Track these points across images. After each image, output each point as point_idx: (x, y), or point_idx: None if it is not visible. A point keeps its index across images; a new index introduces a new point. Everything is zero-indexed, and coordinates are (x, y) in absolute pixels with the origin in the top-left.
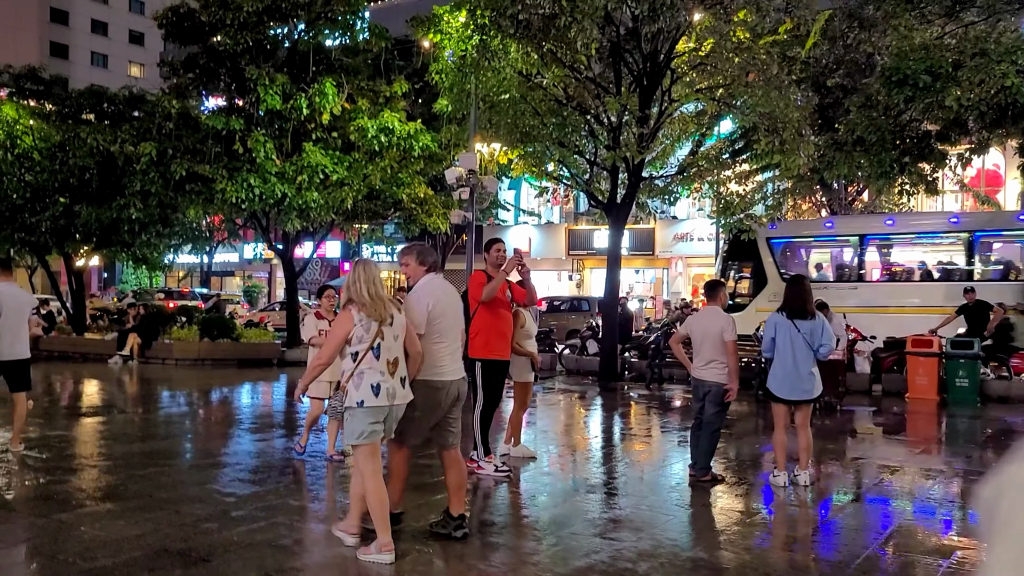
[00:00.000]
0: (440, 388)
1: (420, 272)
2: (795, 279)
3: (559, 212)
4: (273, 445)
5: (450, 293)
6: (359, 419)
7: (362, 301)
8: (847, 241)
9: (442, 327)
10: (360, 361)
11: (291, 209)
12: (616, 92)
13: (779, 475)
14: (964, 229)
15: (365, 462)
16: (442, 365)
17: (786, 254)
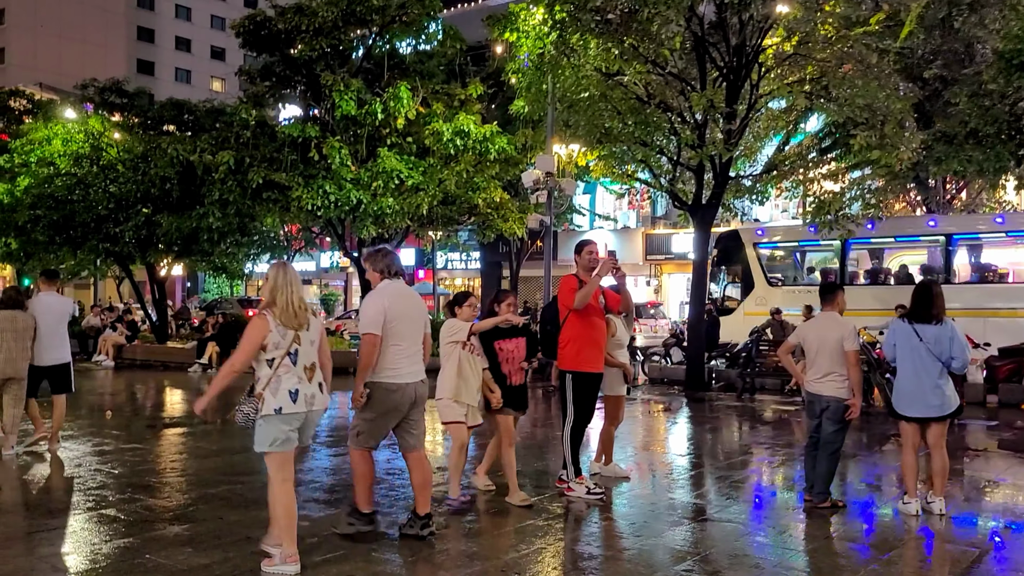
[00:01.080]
0: (396, 390)
1: (376, 278)
2: (923, 284)
3: (635, 216)
4: (348, 461)
5: (409, 297)
6: (274, 426)
7: (280, 306)
8: (831, 246)
9: (399, 330)
10: (277, 367)
11: (366, 216)
12: (701, 87)
13: (910, 502)
14: (941, 232)
15: (276, 471)
16: (398, 367)
17: (773, 259)
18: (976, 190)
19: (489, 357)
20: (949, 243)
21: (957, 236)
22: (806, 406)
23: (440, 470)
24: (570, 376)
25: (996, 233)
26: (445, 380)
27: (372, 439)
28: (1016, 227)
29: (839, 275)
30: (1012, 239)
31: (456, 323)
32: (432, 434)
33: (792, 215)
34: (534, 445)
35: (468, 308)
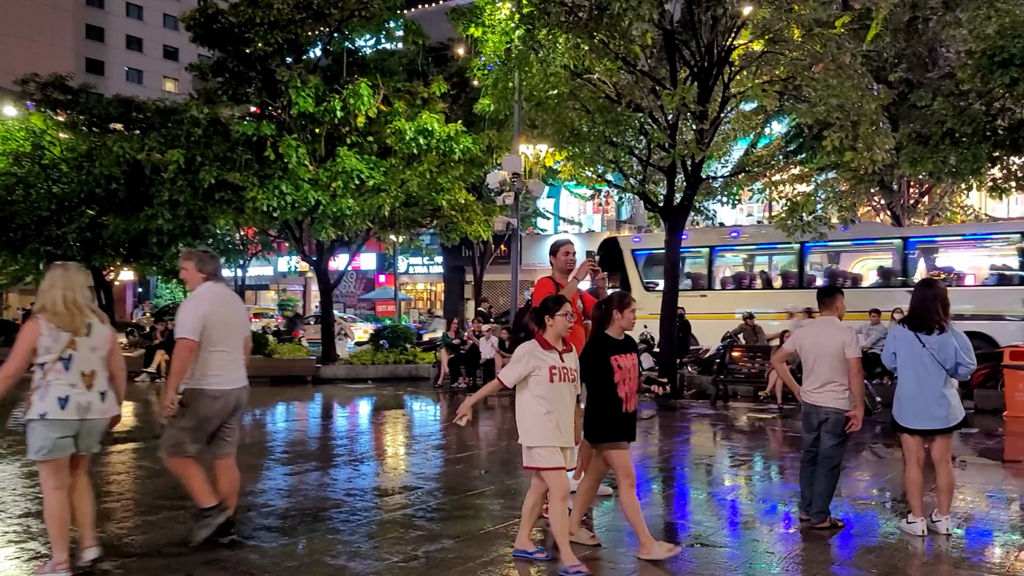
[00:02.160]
0: (219, 397)
1: (199, 279)
2: (923, 283)
3: (600, 220)
4: (306, 481)
5: (230, 301)
6: (40, 432)
7: (54, 310)
8: (699, 252)
9: (219, 335)
10: (47, 372)
11: (325, 217)
12: (672, 87)
13: (915, 521)
14: (795, 241)
15: (47, 478)
16: (219, 374)
17: (649, 265)
18: (939, 195)
19: (603, 376)
20: (801, 248)
21: (808, 245)
22: (802, 418)
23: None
24: None
25: (844, 241)
26: (531, 422)
27: (193, 447)
28: (861, 235)
29: (708, 280)
30: (858, 246)
31: (528, 348)
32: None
33: (758, 219)
34: (504, 460)
35: (563, 318)
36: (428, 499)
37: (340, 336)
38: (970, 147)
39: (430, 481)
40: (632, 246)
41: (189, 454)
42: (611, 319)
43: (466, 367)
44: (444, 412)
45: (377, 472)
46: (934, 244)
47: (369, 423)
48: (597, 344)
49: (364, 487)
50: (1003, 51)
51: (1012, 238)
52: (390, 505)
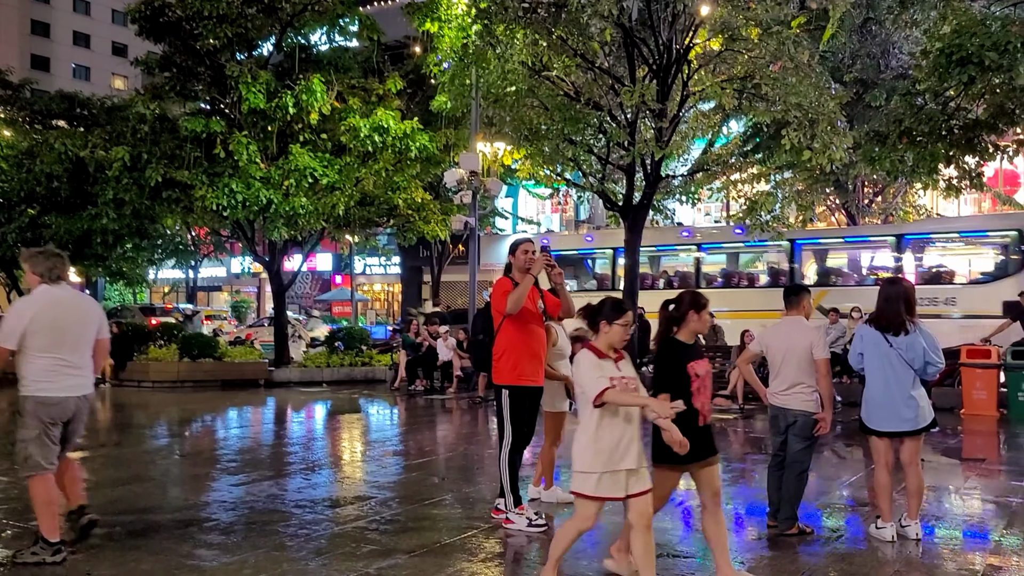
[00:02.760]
0: (55, 404)
1: (35, 281)
2: (889, 281)
3: (559, 220)
4: (253, 492)
5: (69, 304)
6: None
7: None
8: (605, 254)
9: (49, 341)
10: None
11: (277, 216)
12: (631, 83)
13: (884, 527)
14: (693, 243)
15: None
16: (50, 381)
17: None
18: (892, 195)
19: (679, 386)
20: (699, 250)
21: (705, 246)
22: (769, 421)
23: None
24: (506, 391)
25: (738, 243)
26: (585, 447)
27: (44, 459)
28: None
29: (612, 280)
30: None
31: (589, 358)
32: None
33: (716, 219)
34: (463, 466)
35: (621, 329)
36: (382, 509)
37: (294, 338)
38: (926, 146)
39: (384, 490)
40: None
41: (46, 468)
42: (685, 320)
43: (424, 369)
44: (401, 415)
45: (329, 481)
46: (819, 246)
47: (322, 428)
48: (671, 350)
49: (315, 498)
50: (960, 49)
51: (889, 240)
52: (342, 517)
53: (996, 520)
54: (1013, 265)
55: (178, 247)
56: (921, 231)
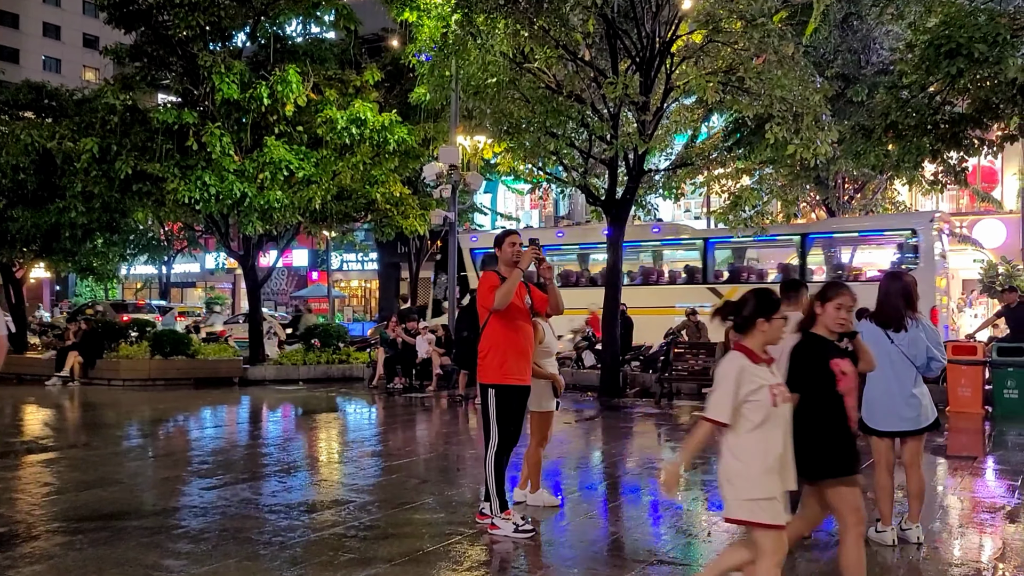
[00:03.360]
0: None
1: None
2: (890, 276)
3: (538, 215)
4: (225, 496)
5: None
6: None
7: None
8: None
9: None
10: None
11: (252, 210)
12: (613, 73)
13: (884, 530)
14: (657, 238)
15: None
16: None
17: (487, 262)
18: (871, 191)
19: (825, 386)
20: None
21: (627, 243)
22: None
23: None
24: (493, 391)
25: (655, 241)
26: (757, 466)
27: None
28: (669, 236)
29: (536, 276)
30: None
31: (742, 363)
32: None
33: (695, 215)
34: (445, 468)
35: (780, 323)
36: (361, 515)
37: (269, 335)
38: (912, 140)
39: (363, 493)
40: (470, 244)
41: None
42: (817, 315)
43: (402, 367)
44: (380, 414)
45: (305, 484)
46: (731, 244)
47: (298, 428)
48: (812, 346)
49: (291, 502)
50: (950, 40)
51: (795, 240)
52: (319, 523)
53: (996, 522)
54: (909, 263)
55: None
56: (825, 231)
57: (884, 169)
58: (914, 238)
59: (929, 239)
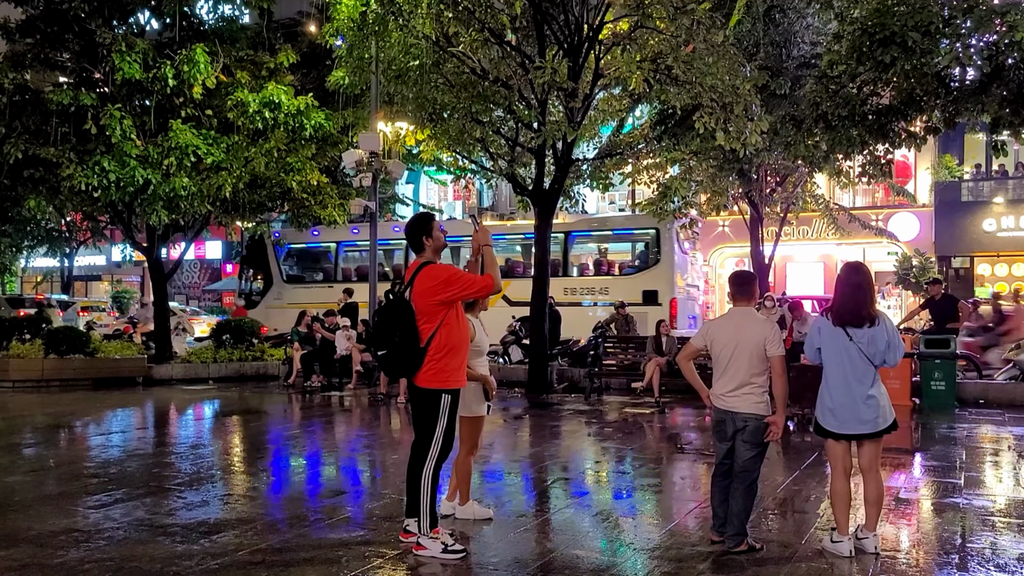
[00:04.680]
0: None
1: None
2: (851, 269)
3: (461, 207)
4: (113, 516)
5: None
6: None
7: None
8: (329, 248)
9: None
10: None
11: (156, 199)
12: (540, 57)
13: (840, 540)
14: (401, 237)
15: None
16: None
17: (288, 259)
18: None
19: None
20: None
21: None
22: (714, 426)
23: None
24: (448, 397)
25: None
26: None
27: None
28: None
29: (334, 272)
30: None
31: None
32: None
33: (620, 207)
34: (366, 476)
35: None
36: (270, 535)
37: (178, 331)
38: (842, 131)
39: (273, 509)
40: (273, 240)
41: None
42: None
43: (320, 364)
44: (295, 416)
45: (208, 499)
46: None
47: (204, 433)
48: None
49: (189, 521)
50: (884, 28)
51: (559, 236)
52: (220, 546)
53: (950, 525)
54: (653, 258)
55: (50, 233)
56: (583, 228)
57: (814, 160)
58: (657, 236)
59: (670, 238)
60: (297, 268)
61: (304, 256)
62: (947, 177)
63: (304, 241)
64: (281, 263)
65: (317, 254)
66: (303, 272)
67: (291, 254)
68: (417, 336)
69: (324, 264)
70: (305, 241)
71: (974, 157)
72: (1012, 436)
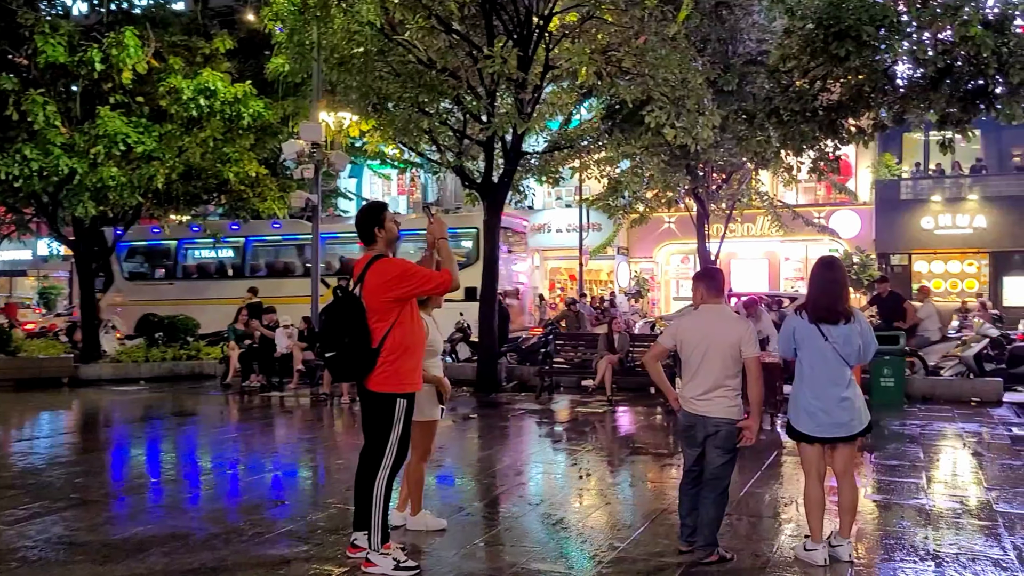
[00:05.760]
0: None
1: None
2: (825, 264)
3: (406, 201)
4: (29, 532)
5: None
6: None
7: None
8: (169, 246)
9: None
10: None
11: (82, 190)
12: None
13: (814, 548)
14: (240, 235)
15: None
16: None
17: (130, 256)
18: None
19: None
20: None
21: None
22: (682, 431)
23: None
24: (404, 401)
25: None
26: None
27: None
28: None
29: (174, 270)
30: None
31: None
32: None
33: (567, 202)
34: (308, 484)
35: None
36: (202, 552)
37: (107, 329)
38: (794, 126)
39: (208, 522)
40: (114, 238)
41: None
42: None
43: (260, 363)
44: (232, 418)
45: (133, 512)
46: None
47: (131, 438)
48: None
49: (111, 538)
50: (839, 22)
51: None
52: (146, 568)
53: (920, 528)
54: (474, 255)
55: None
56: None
57: (765, 156)
58: (478, 235)
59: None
60: (138, 266)
61: (145, 254)
62: (887, 176)
63: (145, 239)
64: (122, 261)
65: (158, 252)
66: (144, 270)
67: (132, 252)
68: (369, 336)
69: (165, 262)
70: (146, 239)
71: (913, 156)
72: (965, 433)
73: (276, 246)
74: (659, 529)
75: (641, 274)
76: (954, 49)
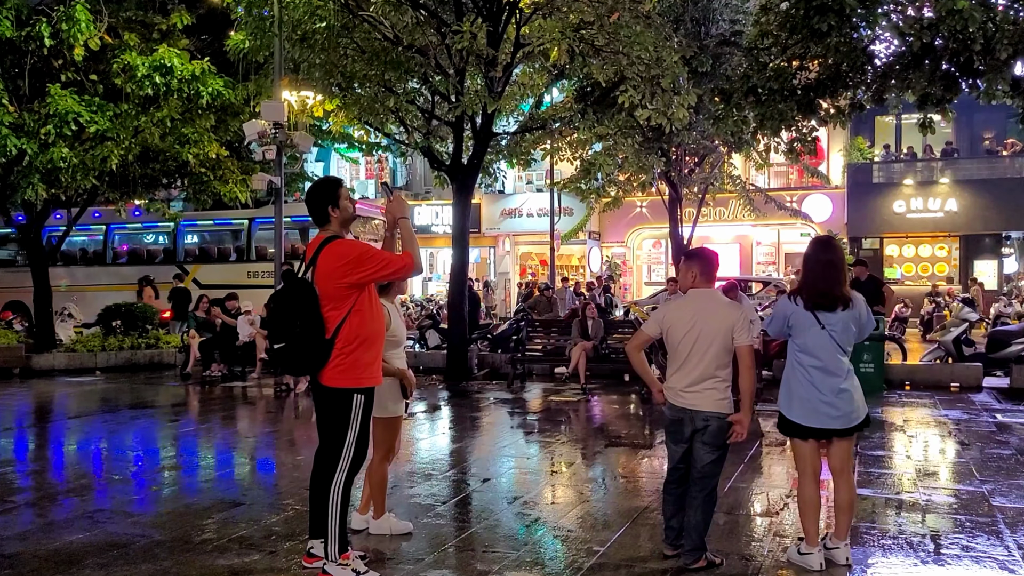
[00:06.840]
0: None
1: None
2: (821, 245)
3: (374, 185)
4: None
5: None
6: None
7: None
8: (99, 231)
9: None
10: None
11: (32, 171)
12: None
13: (809, 552)
14: (102, 223)
15: None
16: None
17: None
18: (709, 166)
19: None
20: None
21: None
22: (668, 425)
23: None
24: (362, 397)
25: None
26: None
27: None
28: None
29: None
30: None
31: None
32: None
33: (538, 187)
34: (266, 484)
35: None
36: (144, 562)
37: (63, 317)
38: (771, 105)
39: (153, 528)
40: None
41: None
42: None
43: (221, 352)
44: (190, 410)
45: (75, 516)
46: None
47: (80, 433)
48: None
49: (47, 548)
50: None
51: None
52: None
53: (918, 525)
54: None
55: None
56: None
57: (742, 136)
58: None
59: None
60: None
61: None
62: (859, 159)
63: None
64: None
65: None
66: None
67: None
68: (322, 325)
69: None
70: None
71: (884, 139)
72: (949, 420)
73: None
74: (641, 530)
75: (613, 259)
76: (939, 24)
